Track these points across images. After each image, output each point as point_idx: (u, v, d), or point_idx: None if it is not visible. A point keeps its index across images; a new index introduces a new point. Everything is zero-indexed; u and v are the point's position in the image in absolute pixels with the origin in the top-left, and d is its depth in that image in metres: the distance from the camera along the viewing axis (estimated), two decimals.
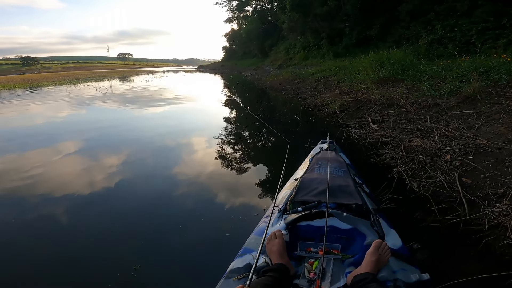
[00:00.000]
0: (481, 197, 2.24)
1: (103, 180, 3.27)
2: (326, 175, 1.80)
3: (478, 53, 5.96)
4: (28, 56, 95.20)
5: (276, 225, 1.51)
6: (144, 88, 15.68)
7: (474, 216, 2.08)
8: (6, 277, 1.84)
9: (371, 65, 7.48)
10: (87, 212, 2.60)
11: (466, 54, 6.62)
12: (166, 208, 2.63)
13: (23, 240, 2.23)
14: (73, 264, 1.92)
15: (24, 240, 2.23)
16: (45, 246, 2.13)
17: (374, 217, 1.50)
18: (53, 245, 2.15)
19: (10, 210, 2.69)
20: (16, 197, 2.96)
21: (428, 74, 5.84)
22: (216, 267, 1.53)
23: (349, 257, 1.36)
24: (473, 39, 7.30)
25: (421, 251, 1.83)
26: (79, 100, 11.07)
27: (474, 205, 2.19)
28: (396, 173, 2.90)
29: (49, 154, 4.33)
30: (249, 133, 5.03)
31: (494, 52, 6.14)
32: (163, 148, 4.50)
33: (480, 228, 1.97)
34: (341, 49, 13.86)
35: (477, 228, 1.99)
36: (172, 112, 8.01)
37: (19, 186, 3.20)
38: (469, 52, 6.81)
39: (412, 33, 9.68)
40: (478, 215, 2.07)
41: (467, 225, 2.04)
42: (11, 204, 2.82)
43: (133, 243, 2.09)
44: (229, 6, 35.98)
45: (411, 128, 3.92)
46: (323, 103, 6.63)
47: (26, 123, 7.03)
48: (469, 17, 7.85)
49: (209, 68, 50.61)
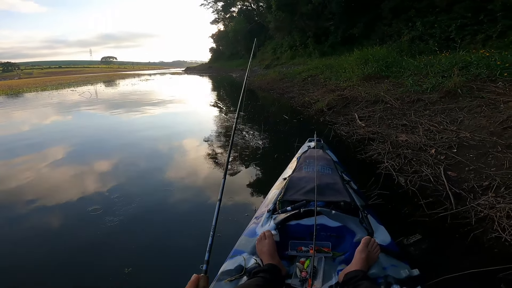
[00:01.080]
0: (466, 190, 2.26)
1: (92, 186, 3.20)
2: (314, 174, 1.80)
3: (458, 48, 6.12)
4: (8, 62, 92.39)
5: (266, 225, 1.50)
6: (130, 92, 15.41)
7: (461, 209, 2.09)
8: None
9: (356, 63, 7.59)
10: (76, 217, 2.57)
11: (447, 50, 6.79)
12: (155, 211, 2.60)
13: (13, 247, 2.20)
14: (64, 268, 1.92)
15: (13, 246, 2.20)
16: (36, 252, 2.10)
17: (362, 213, 1.50)
18: (44, 250, 2.12)
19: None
20: (2, 205, 2.89)
21: (411, 70, 5.96)
22: None
23: (339, 254, 1.36)
24: (453, 35, 7.51)
25: (410, 246, 1.84)
26: (63, 106, 10.79)
27: (460, 198, 2.21)
28: (383, 168, 2.92)
29: (35, 162, 4.19)
30: (236, 135, 5.01)
31: (473, 48, 6.33)
32: (151, 152, 4.43)
33: (468, 221, 1.98)
34: (327, 47, 14.01)
35: (465, 221, 1.99)
36: (159, 116, 7.87)
37: (6, 194, 3.13)
38: (449, 48, 6.98)
39: (394, 30, 9.89)
40: (465, 208, 2.08)
41: (454, 218, 2.05)
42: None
43: (124, 247, 2.09)
44: (215, 7, 35.97)
45: (397, 124, 3.99)
46: (310, 102, 6.67)
47: (10, 131, 6.79)
48: (448, 13, 8.07)
49: (197, 69, 50.19)
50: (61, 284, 1.79)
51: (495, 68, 4.40)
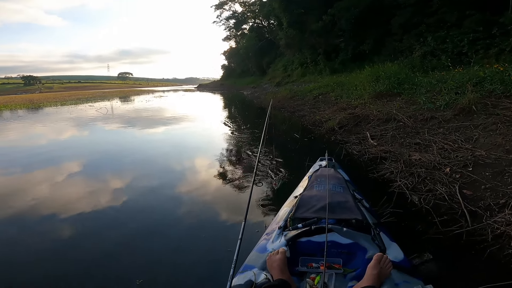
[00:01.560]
0: (482, 207, 2.25)
1: (106, 200, 3.29)
2: (325, 192, 1.81)
3: (472, 63, 6.06)
4: (30, 76, 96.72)
5: (277, 241, 1.52)
6: (144, 109, 15.87)
7: (477, 226, 2.08)
8: None
9: (368, 80, 7.59)
10: (90, 229, 2.65)
11: (460, 65, 6.75)
12: (168, 226, 2.66)
13: (26, 257, 2.27)
14: (77, 278, 1.97)
15: (26, 257, 2.27)
16: (49, 263, 2.17)
17: (374, 231, 1.50)
18: (58, 261, 2.19)
19: (13, 230, 2.73)
20: (19, 217, 2.98)
21: (424, 87, 5.91)
22: (218, 283, 1.53)
23: (351, 271, 1.35)
24: (465, 49, 7.46)
25: (424, 263, 1.83)
26: (81, 121, 11.19)
27: (476, 216, 2.20)
28: (396, 187, 2.90)
29: (52, 175, 4.35)
30: (248, 153, 5.05)
31: (487, 62, 6.26)
32: (164, 168, 4.51)
33: (484, 238, 1.97)
34: (337, 64, 14.14)
35: (481, 238, 1.98)
36: (172, 134, 8.03)
37: (24, 206, 3.23)
38: (462, 63, 6.93)
39: (405, 45, 9.90)
40: (481, 226, 2.07)
41: (470, 236, 2.04)
42: (13, 224, 2.85)
43: (136, 259, 2.14)
44: (226, 24, 37.05)
45: (410, 142, 3.94)
46: (322, 120, 6.67)
47: (29, 144, 7.07)
48: (459, 28, 8.07)
49: (209, 87, 51.33)
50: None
51: (509, 83, 4.34)
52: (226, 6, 35.02)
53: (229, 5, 34.92)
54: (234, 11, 35.28)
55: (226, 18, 36.12)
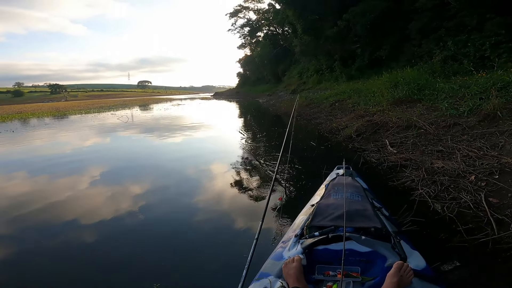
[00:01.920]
0: (509, 215, 2.20)
1: (125, 205, 3.41)
2: (343, 200, 1.79)
3: (495, 67, 5.81)
4: (56, 84, 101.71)
5: (293, 249, 1.52)
6: (162, 117, 16.33)
7: (504, 234, 2.04)
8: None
9: (386, 86, 7.45)
10: (109, 233, 2.75)
11: (483, 69, 6.49)
12: (185, 231, 2.73)
13: (48, 260, 2.37)
14: (96, 282, 2.04)
15: (48, 261, 2.37)
16: (71, 267, 2.26)
17: (394, 239, 1.48)
18: (79, 265, 2.27)
19: (36, 232, 2.88)
20: (44, 220, 3.14)
21: (446, 93, 5.74)
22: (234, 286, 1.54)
23: (369, 279, 1.33)
24: (488, 53, 7.18)
25: (448, 271, 1.80)
26: (103, 129, 11.67)
27: (503, 224, 2.15)
28: (417, 195, 2.85)
29: (75, 181, 4.56)
30: (264, 161, 5.05)
31: (511, 66, 5.99)
32: (182, 175, 4.62)
33: (511, 246, 1.94)
34: (354, 71, 13.95)
35: (507, 246, 1.95)
36: (189, 142, 8.16)
37: (47, 210, 3.40)
38: (485, 67, 6.67)
39: (424, 50, 9.63)
40: (508, 234, 2.03)
41: (496, 244, 2.00)
42: (38, 226, 3.00)
43: (154, 264, 2.19)
44: (241, 32, 37.50)
45: (432, 150, 3.84)
46: (338, 128, 6.61)
47: (53, 151, 7.44)
48: (480, 32, 7.79)
49: (225, 95, 52.09)
50: None
51: None
52: (241, 14, 35.66)
53: (244, 13, 35.54)
54: (249, 19, 35.85)
55: (241, 26, 36.65)
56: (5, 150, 7.94)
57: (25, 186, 4.50)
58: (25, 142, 9.11)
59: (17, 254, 2.50)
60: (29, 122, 16.39)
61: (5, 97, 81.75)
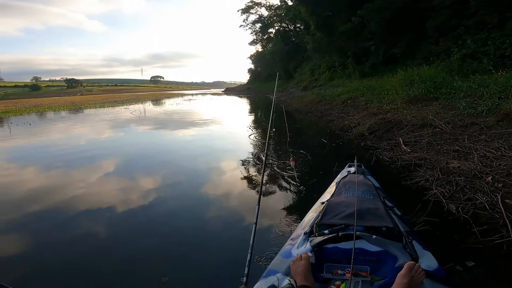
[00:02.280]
0: None
1: (135, 199, 3.47)
2: (354, 199, 1.76)
3: None
4: (72, 79, 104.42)
5: (302, 247, 1.51)
6: (174, 111, 16.52)
7: None
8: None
9: (400, 84, 7.30)
10: (120, 226, 2.80)
11: (503, 68, 6.27)
12: (194, 226, 2.74)
13: (59, 249, 2.43)
14: (106, 274, 2.08)
15: (59, 251, 2.42)
16: (80, 258, 2.30)
17: (406, 239, 1.45)
18: (89, 257, 2.31)
19: (49, 221, 2.97)
20: (57, 210, 3.24)
21: (464, 92, 5.58)
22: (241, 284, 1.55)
23: (378, 279, 1.31)
24: (508, 52, 6.92)
25: (461, 272, 1.78)
26: (116, 122, 11.92)
27: None
28: (431, 195, 2.80)
29: (88, 173, 4.68)
30: (274, 157, 5.04)
31: None
32: (192, 169, 4.67)
33: None
34: (367, 68, 13.69)
35: None
36: (200, 135, 8.28)
37: (60, 200, 3.50)
38: (505, 66, 6.44)
39: (442, 48, 9.38)
40: None
41: (511, 246, 1.98)
42: (52, 216, 3.09)
43: (163, 258, 2.22)
44: (253, 28, 37.21)
45: (447, 149, 3.74)
46: (350, 125, 6.53)
47: (68, 143, 7.67)
48: (501, 30, 7.54)
49: (236, 90, 52.11)
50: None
51: None
52: (252, 10, 35.36)
53: (255, 9, 35.23)
54: (260, 15, 35.52)
55: (253, 22, 36.32)
56: (22, 142, 8.23)
57: (40, 177, 4.66)
58: (41, 135, 9.41)
59: (33, 242, 2.59)
60: (45, 116, 16.89)
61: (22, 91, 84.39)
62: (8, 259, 2.34)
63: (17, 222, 3.00)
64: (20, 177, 4.69)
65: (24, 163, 5.71)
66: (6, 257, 2.36)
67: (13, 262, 2.29)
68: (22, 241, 2.62)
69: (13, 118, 15.69)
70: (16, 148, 7.32)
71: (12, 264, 2.26)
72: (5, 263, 2.28)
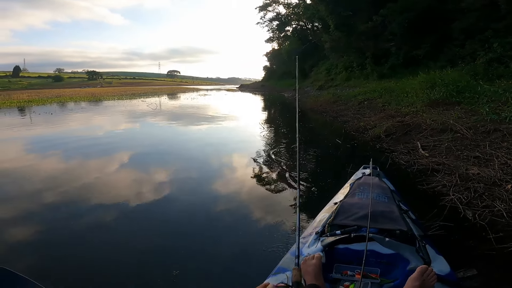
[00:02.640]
0: None
1: (148, 191, 3.54)
2: (368, 200, 1.75)
3: None
4: (93, 71, 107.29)
5: (313, 246, 1.51)
6: (189, 106, 16.75)
7: None
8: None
9: (421, 87, 7.10)
10: (132, 219, 2.83)
11: None
12: (206, 221, 2.77)
13: (67, 242, 2.43)
14: (117, 266, 2.11)
15: (70, 241, 2.44)
16: (91, 249, 2.32)
17: (420, 243, 1.43)
18: (99, 249, 2.34)
19: (63, 210, 3.01)
20: (68, 200, 3.28)
21: (488, 96, 5.38)
22: (250, 280, 1.56)
23: (388, 282, 1.30)
24: None
25: (472, 277, 1.75)
26: (133, 115, 12.23)
27: None
28: (448, 201, 2.75)
29: (102, 162, 4.81)
30: (286, 155, 5.02)
31: None
32: (205, 164, 4.73)
33: None
34: (386, 69, 13.38)
35: None
36: (213, 130, 8.38)
37: (72, 190, 3.56)
38: None
39: (467, 51, 9.01)
40: None
41: None
42: (66, 205, 3.14)
43: (174, 251, 2.25)
44: (270, 26, 36.96)
45: (468, 155, 3.64)
46: (366, 127, 6.42)
47: (85, 133, 7.94)
48: None
49: (250, 87, 52.17)
50: (116, 278, 1.98)
51: None
52: (270, 8, 35.12)
53: (273, 7, 34.99)
54: (278, 13, 35.22)
55: (270, 20, 36.07)
56: (43, 130, 8.56)
57: (57, 164, 4.83)
58: (61, 124, 9.79)
59: (46, 230, 2.62)
60: (66, 106, 17.49)
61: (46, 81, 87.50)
62: (21, 245, 2.38)
63: (30, 209, 3.03)
64: (35, 164, 4.81)
65: (42, 149, 5.92)
66: (19, 243, 2.40)
67: (26, 249, 2.32)
68: (35, 229, 2.64)
69: (36, 107, 16.33)
70: (34, 137, 7.55)
71: (26, 251, 2.29)
72: (18, 249, 2.32)
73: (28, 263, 2.12)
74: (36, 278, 1.26)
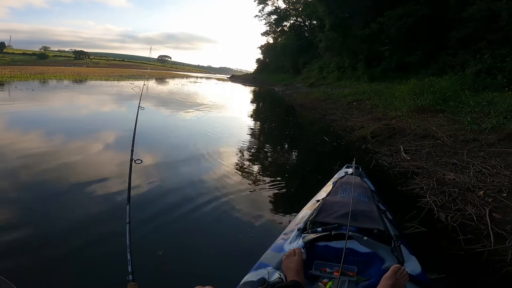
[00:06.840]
0: (508, 231, 2.29)
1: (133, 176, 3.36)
2: (349, 199, 1.79)
3: None
4: (80, 50, 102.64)
5: (294, 242, 1.53)
6: (179, 91, 16.44)
7: (499, 247, 2.15)
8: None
9: (409, 92, 7.26)
10: (114, 202, 2.74)
11: None
12: (189, 213, 2.64)
13: (52, 227, 2.32)
14: (103, 247, 2.06)
15: (51, 225, 2.34)
16: (74, 233, 2.23)
17: (395, 243, 1.48)
18: (85, 231, 2.25)
19: (37, 193, 2.83)
20: (46, 180, 3.12)
21: (471, 107, 5.59)
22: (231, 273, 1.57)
23: (364, 280, 1.34)
24: None
25: (441, 278, 1.87)
26: (117, 96, 11.83)
27: (501, 238, 2.25)
28: (424, 203, 2.89)
29: (81, 144, 4.58)
30: (271, 150, 5.01)
31: None
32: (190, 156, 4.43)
33: (503, 258, 2.05)
34: (378, 72, 13.57)
35: (500, 258, 2.06)
36: (201, 120, 8.09)
37: (49, 173, 3.34)
38: None
39: (459, 61, 9.09)
40: (503, 247, 2.14)
41: (491, 255, 2.11)
42: (46, 186, 2.99)
43: (158, 238, 2.24)
44: (267, 19, 36.60)
45: (446, 161, 3.80)
46: (353, 127, 6.53)
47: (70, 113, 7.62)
48: None
49: (241, 78, 51.49)
50: (101, 258, 1.95)
51: None
52: (269, 1, 34.69)
53: (273, 1, 34.60)
54: (277, 7, 34.89)
55: (268, 13, 35.71)
56: (23, 106, 8.13)
57: (37, 142, 4.56)
58: (42, 101, 9.38)
59: (25, 212, 2.48)
60: (48, 83, 16.71)
61: (30, 58, 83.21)
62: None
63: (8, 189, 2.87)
64: (9, 140, 4.56)
65: (20, 126, 5.62)
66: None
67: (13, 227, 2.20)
68: (17, 211, 2.48)
69: (17, 83, 15.53)
70: (12, 111, 7.12)
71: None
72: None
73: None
74: None
